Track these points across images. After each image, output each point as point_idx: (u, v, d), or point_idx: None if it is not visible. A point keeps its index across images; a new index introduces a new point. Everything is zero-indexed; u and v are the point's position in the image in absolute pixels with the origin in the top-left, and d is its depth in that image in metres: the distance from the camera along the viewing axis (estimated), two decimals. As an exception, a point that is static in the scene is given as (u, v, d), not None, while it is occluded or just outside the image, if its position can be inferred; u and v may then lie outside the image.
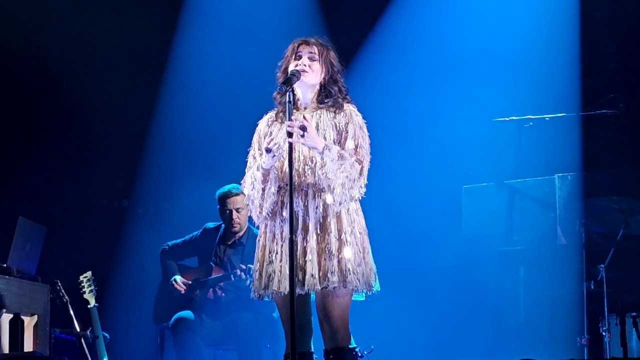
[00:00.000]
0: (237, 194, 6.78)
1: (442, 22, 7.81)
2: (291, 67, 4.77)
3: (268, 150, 4.63)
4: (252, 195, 4.73)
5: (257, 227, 4.84)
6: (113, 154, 8.30)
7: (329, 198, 4.65)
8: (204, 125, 8.21)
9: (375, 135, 4.84)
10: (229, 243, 6.93)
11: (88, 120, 8.19)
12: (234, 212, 6.83)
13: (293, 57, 4.82)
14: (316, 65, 4.80)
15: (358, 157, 4.68)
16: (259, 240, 4.81)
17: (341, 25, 7.95)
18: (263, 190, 4.69)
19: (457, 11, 7.77)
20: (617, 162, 7.32)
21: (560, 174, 6.81)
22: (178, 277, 6.91)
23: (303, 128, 4.58)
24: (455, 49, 7.72)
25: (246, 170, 4.84)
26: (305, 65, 4.76)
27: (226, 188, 6.84)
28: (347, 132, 4.72)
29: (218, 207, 6.89)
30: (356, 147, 4.69)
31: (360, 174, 4.66)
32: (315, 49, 4.82)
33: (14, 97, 7.95)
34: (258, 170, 4.71)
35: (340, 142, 4.71)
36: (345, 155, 4.64)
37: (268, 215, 4.72)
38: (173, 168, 8.31)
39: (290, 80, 4.68)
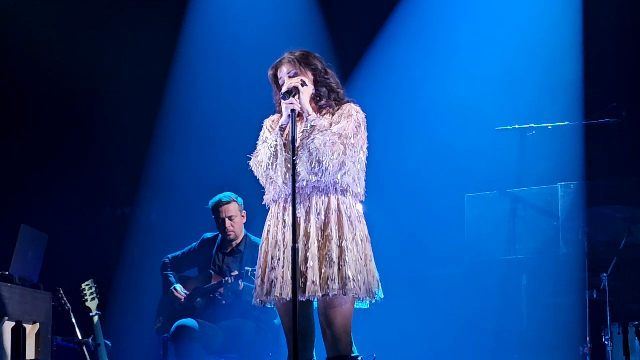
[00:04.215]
0: (228, 202, 6.82)
1: (446, 30, 7.82)
2: (285, 90, 4.71)
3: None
4: (271, 161, 4.68)
5: (255, 235, 4.83)
6: (116, 161, 8.31)
7: (333, 200, 4.64)
8: (207, 134, 8.22)
9: (378, 143, 4.83)
10: (227, 251, 6.94)
11: (91, 128, 8.21)
12: (227, 221, 6.85)
13: (277, 85, 4.80)
14: (301, 78, 4.75)
15: (342, 142, 4.62)
16: (261, 246, 4.80)
17: (344, 31, 7.97)
18: (284, 145, 4.66)
19: (461, 19, 7.78)
20: (620, 170, 7.32)
21: (563, 183, 6.80)
22: (178, 286, 6.91)
23: (303, 84, 4.66)
24: (458, 57, 7.72)
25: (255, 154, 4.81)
26: (293, 83, 4.71)
27: (217, 197, 6.88)
28: (338, 123, 4.68)
29: (213, 217, 6.92)
30: (340, 135, 4.62)
31: (343, 162, 4.60)
32: (289, 66, 4.78)
33: (16, 105, 7.95)
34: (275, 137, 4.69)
35: None
36: (334, 132, 4.60)
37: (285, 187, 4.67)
38: (176, 176, 8.31)
39: (291, 92, 4.67)
